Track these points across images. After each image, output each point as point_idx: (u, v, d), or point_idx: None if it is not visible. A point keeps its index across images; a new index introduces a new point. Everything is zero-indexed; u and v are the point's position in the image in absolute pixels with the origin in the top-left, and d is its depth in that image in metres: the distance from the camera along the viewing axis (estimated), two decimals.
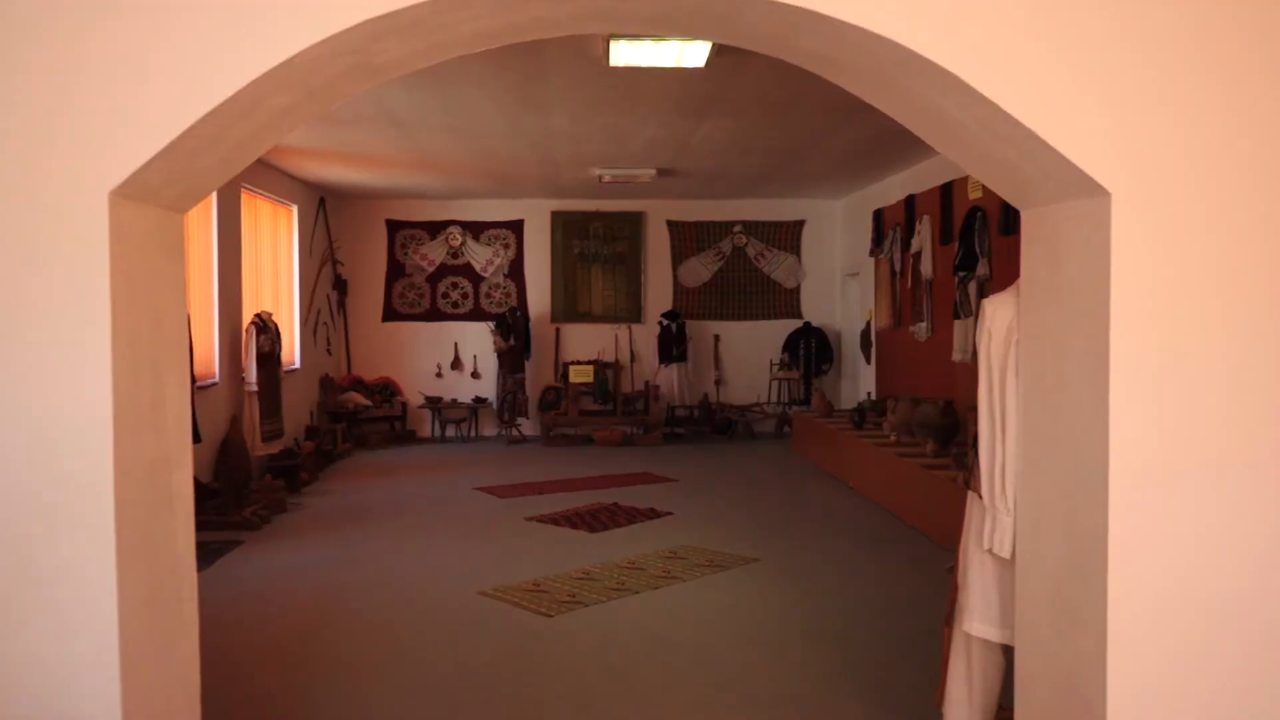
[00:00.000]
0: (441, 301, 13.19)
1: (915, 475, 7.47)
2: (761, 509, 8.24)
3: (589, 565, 6.36)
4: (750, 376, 13.41)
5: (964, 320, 8.58)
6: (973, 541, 3.16)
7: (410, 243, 13.16)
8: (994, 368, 3.00)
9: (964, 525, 3.31)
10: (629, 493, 8.96)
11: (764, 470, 10.36)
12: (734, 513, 8.07)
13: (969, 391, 9.59)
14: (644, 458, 11.16)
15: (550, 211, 13.22)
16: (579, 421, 12.40)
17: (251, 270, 9.82)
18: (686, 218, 13.35)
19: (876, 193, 11.74)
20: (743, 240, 13.39)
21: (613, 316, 13.31)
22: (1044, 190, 2.70)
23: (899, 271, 10.62)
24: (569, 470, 10.28)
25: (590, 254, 13.27)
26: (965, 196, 8.81)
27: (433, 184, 11.72)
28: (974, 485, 3.13)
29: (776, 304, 13.46)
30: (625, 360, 13.24)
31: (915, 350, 10.19)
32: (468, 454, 11.59)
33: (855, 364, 12.99)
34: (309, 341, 11.60)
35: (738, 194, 12.76)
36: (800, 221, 13.45)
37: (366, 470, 10.37)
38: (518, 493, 8.98)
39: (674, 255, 13.38)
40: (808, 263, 13.50)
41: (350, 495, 8.95)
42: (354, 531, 7.46)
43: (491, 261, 13.19)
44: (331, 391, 12.16)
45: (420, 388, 13.07)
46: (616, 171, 10.49)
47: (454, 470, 10.35)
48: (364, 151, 9.44)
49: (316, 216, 11.98)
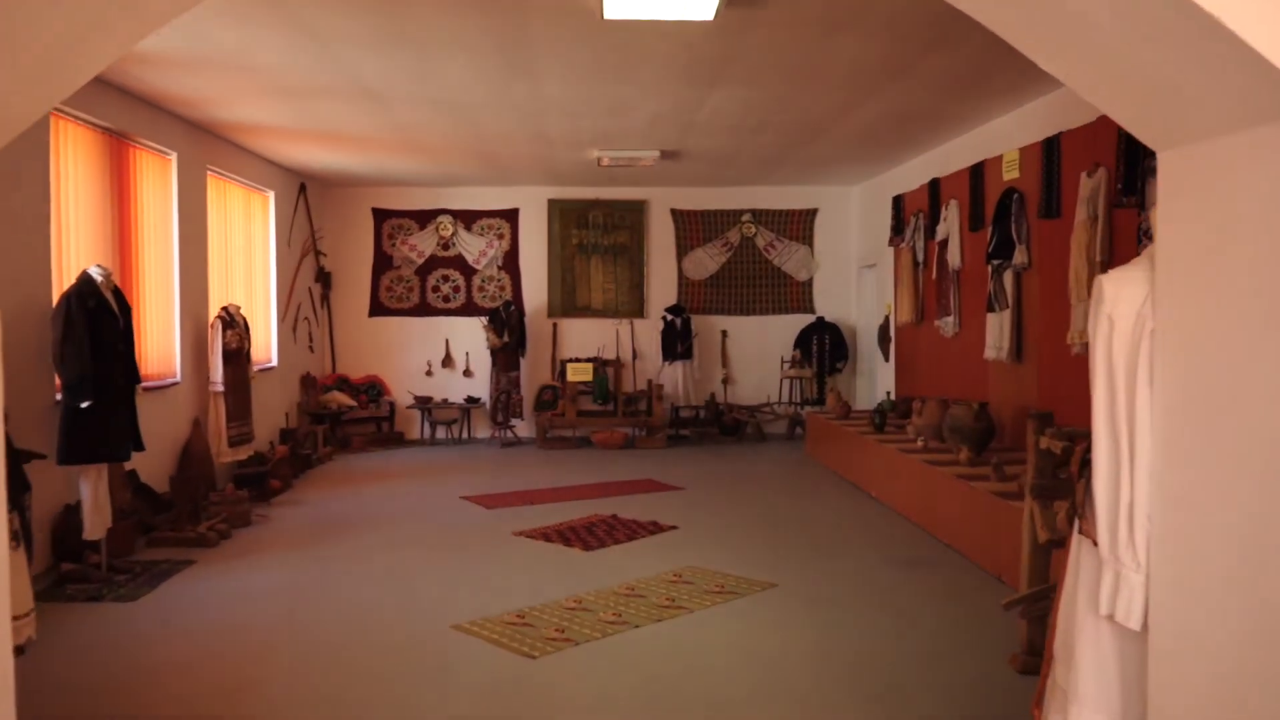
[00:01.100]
0: (431, 295, 12.41)
1: (949, 487, 6.66)
2: (776, 522, 7.45)
3: (582, 591, 5.57)
4: (760, 375, 12.62)
5: (998, 314, 7.77)
6: (1082, 602, 2.35)
7: (398, 233, 12.38)
8: (1119, 369, 2.19)
9: (1064, 576, 2.51)
10: (629, 503, 8.18)
11: (776, 476, 9.56)
12: (745, 527, 7.27)
13: (1005, 393, 8.68)
14: (646, 462, 10.37)
15: (547, 199, 12.43)
16: (577, 423, 11.61)
17: (220, 260, 9.03)
18: (692, 206, 12.55)
19: (896, 177, 10.93)
20: (752, 230, 12.59)
21: (613, 311, 12.52)
22: (1216, 115, 1.89)
23: (922, 262, 9.81)
24: (565, 476, 9.50)
25: (590, 245, 12.48)
26: (999, 177, 8.01)
27: (421, 169, 10.93)
28: (1085, 527, 2.33)
29: (788, 298, 12.65)
30: (626, 358, 12.45)
31: (941, 347, 9.38)
32: (458, 458, 10.81)
33: (872, 361, 12.19)
34: (287, 338, 10.82)
35: (747, 180, 11.96)
36: (813, 210, 12.65)
37: (347, 476, 9.59)
38: (507, 503, 8.19)
39: (679, 246, 12.58)
40: (821, 254, 12.70)
41: (324, 505, 8.17)
42: (320, 549, 6.68)
43: (485, 253, 12.40)
44: (313, 391, 11.39)
45: (409, 387, 12.29)
46: (617, 153, 9.69)
47: (441, 476, 9.57)
48: (339, 129, 8.65)
49: (296, 204, 11.20)
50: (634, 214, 12.50)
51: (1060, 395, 7.03)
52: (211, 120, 8.24)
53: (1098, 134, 6.49)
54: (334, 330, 12.30)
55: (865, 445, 8.70)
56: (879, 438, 8.65)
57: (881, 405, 9.81)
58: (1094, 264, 6.33)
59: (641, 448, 11.44)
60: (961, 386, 8.86)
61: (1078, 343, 6.54)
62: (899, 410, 9.98)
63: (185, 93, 7.30)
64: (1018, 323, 7.65)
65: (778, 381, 12.55)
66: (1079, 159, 6.71)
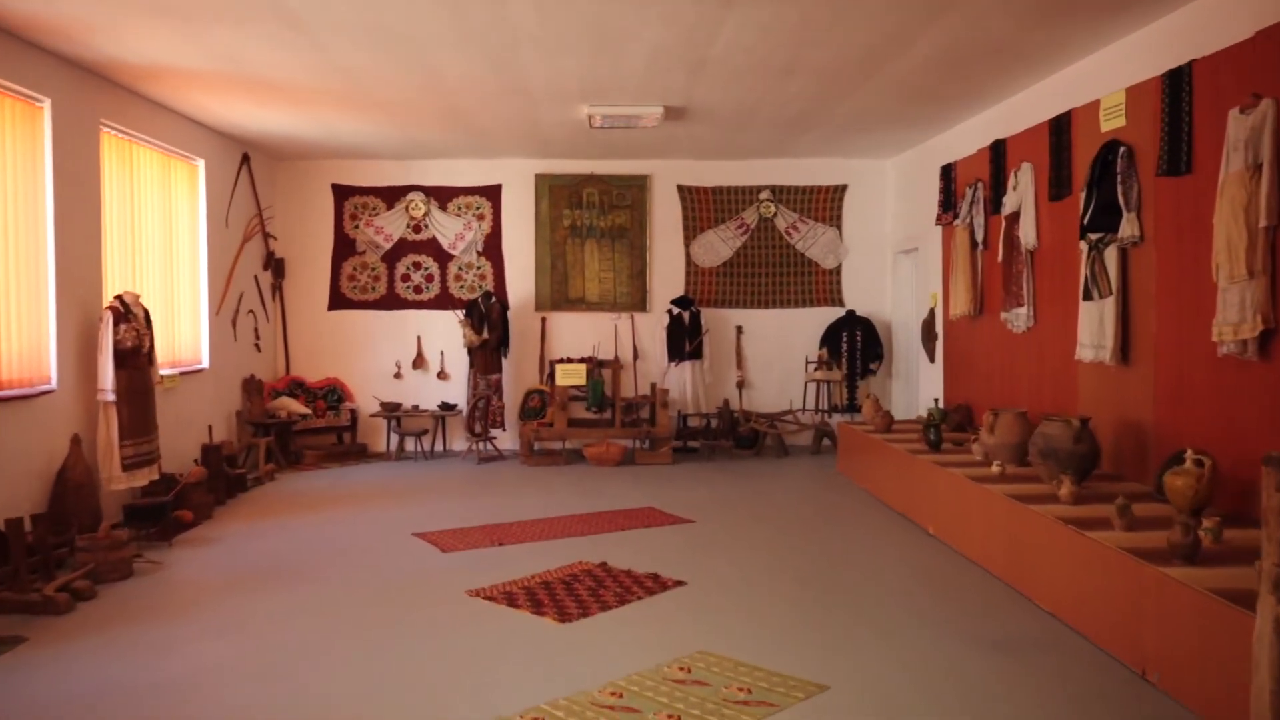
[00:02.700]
0: (401, 285, 10.73)
1: (1053, 535, 4.94)
2: (813, 575, 5.74)
3: (547, 698, 3.87)
4: (781, 378, 10.91)
5: (1097, 302, 6.05)
6: None
7: (362, 213, 10.70)
8: None
9: None
10: (625, 542, 6.48)
11: (806, 503, 7.85)
12: (775, 583, 5.57)
13: (1104, 405, 6.32)
14: (648, 483, 8.68)
15: (534, 174, 10.73)
16: (568, 434, 9.92)
17: (123, 240, 7.36)
18: (702, 181, 10.85)
19: (943, 144, 9.21)
20: (771, 210, 10.87)
21: (611, 304, 10.83)
22: None
23: (982, 242, 8.09)
24: (548, 502, 7.81)
25: (584, 227, 10.79)
26: (1093, 129, 6.29)
27: (385, 136, 9.25)
28: None
29: (813, 288, 10.94)
30: (626, 358, 10.76)
31: (1008, 345, 7.66)
32: (425, 476, 9.12)
33: (911, 362, 10.48)
34: (224, 335, 9.15)
35: (765, 151, 10.24)
36: (841, 186, 10.93)
37: (284, 502, 7.91)
38: (470, 542, 6.51)
39: (686, 228, 10.87)
40: (851, 237, 10.98)
41: (238, 546, 6.49)
42: (203, 618, 5.00)
43: (462, 236, 10.72)
44: (257, 398, 9.71)
45: (375, 391, 10.62)
46: (611, 109, 7.99)
47: (398, 502, 7.89)
48: (267, 75, 6.97)
49: (237, 177, 9.52)
50: (635, 191, 10.79)
51: (1191, 411, 5.31)
52: (100, 59, 6.56)
53: (1257, 54, 4.77)
54: (287, 326, 10.63)
55: (918, 468, 6.99)
56: (935, 458, 6.94)
57: (932, 415, 8.10)
58: (1255, 230, 4.62)
59: (643, 464, 9.75)
60: (1036, 394, 7.14)
61: (1229, 340, 4.82)
62: (951, 422, 8.28)
63: (51, 15, 5.63)
64: (1124, 314, 5.92)
65: (801, 385, 10.84)
66: (1225, 92, 4.99)
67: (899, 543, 6.45)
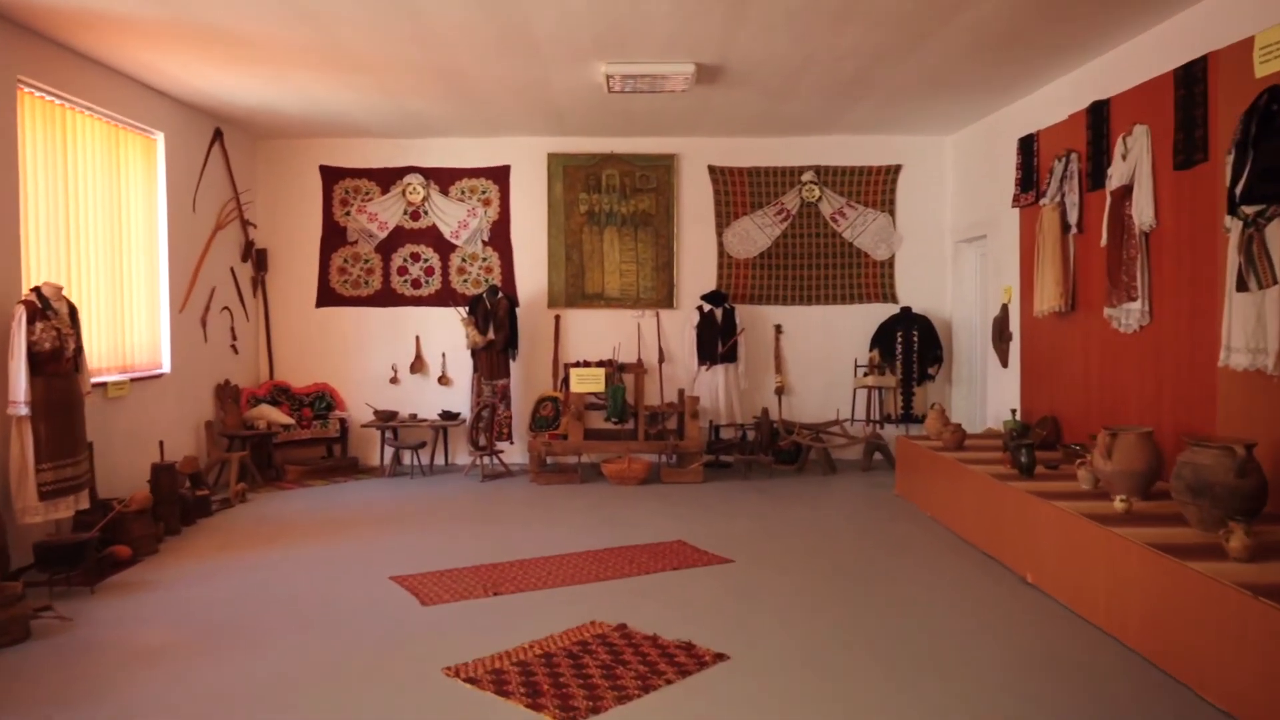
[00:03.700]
0: (397, 279, 9.55)
1: (1234, 611, 3.64)
2: (892, 642, 4.47)
3: None
4: (825, 383, 9.63)
5: (1256, 293, 4.73)
6: None
7: (354, 198, 9.52)
8: None
9: None
10: (648, 592, 5.25)
11: (865, 534, 6.58)
12: (845, 656, 4.31)
13: (1261, 425, 4.50)
14: (676, 506, 7.44)
15: (546, 153, 9.52)
16: (584, 447, 8.69)
17: (51, 222, 6.21)
18: (737, 161, 9.59)
19: (1018, 115, 7.92)
20: (815, 193, 9.60)
21: (634, 300, 9.59)
22: None
23: (1076, 224, 6.78)
24: (558, 533, 6.58)
25: (603, 213, 9.56)
26: (1243, 75, 4.97)
27: (375, 109, 8.06)
28: None
29: (862, 282, 9.66)
30: (651, 361, 9.52)
31: (1112, 348, 6.35)
32: (418, 497, 7.93)
33: (977, 366, 9.18)
34: (190, 335, 8.00)
35: (809, 126, 8.96)
36: (894, 167, 9.63)
37: (248, 531, 6.74)
38: (458, 590, 5.28)
39: (719, 214, 9.62)
40: (906, 224, 9.68)
41: (176, 594, 5.31)
42: (100, 702, 3.81)
43: (465, 223, 9.52)
44: (233, 406, 8.56)
45: (368, 398, 9.44)
46: (633, 68, 6.75)
47: (381, 532, 6.69)
48: (223, 27, 5.79)
49: (208, 155, 8.36)
50: (660, 172, 9.55)
51: None
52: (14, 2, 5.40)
53: None
54: (270, 325, 9.47)
55: (1009, 499, 5.69)
56: (1029, 486, 5.64)
57: (1013, 434, 6.80)
58: None
59: (669, 482, 8.50)
60: (1153, 409, 5.83)
61: None
62: (1034, 438, 7.00)
63: None
64: None
65: (849, 392, 9.56)
66: None
67: (990, 595, 5.17)
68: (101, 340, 6.71)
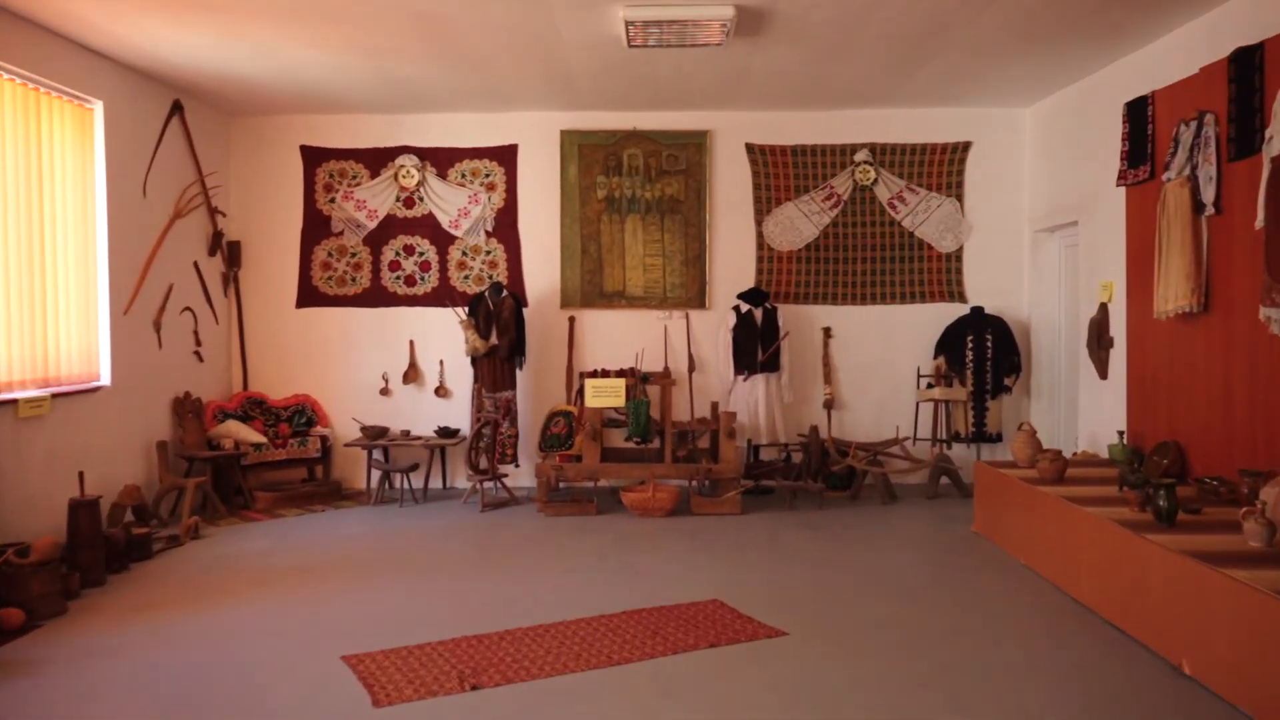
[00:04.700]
0: (388, 276, 8.34)
1: None
2: None
3: None
4: (882, 396, 8.31)
5: None
6: None
7: (339, 183, 8.32)
8: None
9: None
10: (675, 686, 3.97)
11: (944, 590, 5.26)
12: None
13: None
14: (710, 548, 6.15)
15: (559, 130, 8.26)
16: (602, 471, 7.42)
17: None
18: (779, 139, 8.28)
19: (1117, 76, 6.59)
20: (870, 175, 8.27)
21: (659, 299, 8.32)
22: None
23: (1212, 203, 5.42)
24: (562, 586, 5.31)
25: (624, 199, 8.30)
26: None
27: (360, 78, 6.87)
28: None
29: (925, 278, 8.32)
30: (679, 370, 8.24)
31: (1266, 358, 4.99)
32: (403, 533, 6.70)
33: (1060, 376, 7.83)
34: (139, 340, 6.83)
35: (864, 96, 7.65)
36: (963, 144, 8.28)
37: (187, 582, 5.53)
38: (424, 682, 4.02)
39: (759, 200, 8.32)
40: (976, 211, 8.33)
41: (60, 682, 4.09)
42: None
43: (466, 211, 8.29)
44: (195, 422, 7.38)
45: (355, 412, 8.24)
46: (657, 11, 5.47)
47: (344, 585, 5.46)
48: None
49: (163, 131, 7.18)
50: (691, 152, 8.27)
51: None
52: None
53: None
54: (244, 328, 8.29)
55: (1152, 560, 4.33)
56: (1175, 540, 4.30)
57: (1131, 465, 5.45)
58: None
59: (701, 514, 7.21)
60: None
61: None
62: (1152, 468, 5.66)
63: None
64: None
65: (910, 407, 8.23)
66: None
67: (1131, 691, 3.83)
68: (12, 348, 5.54)
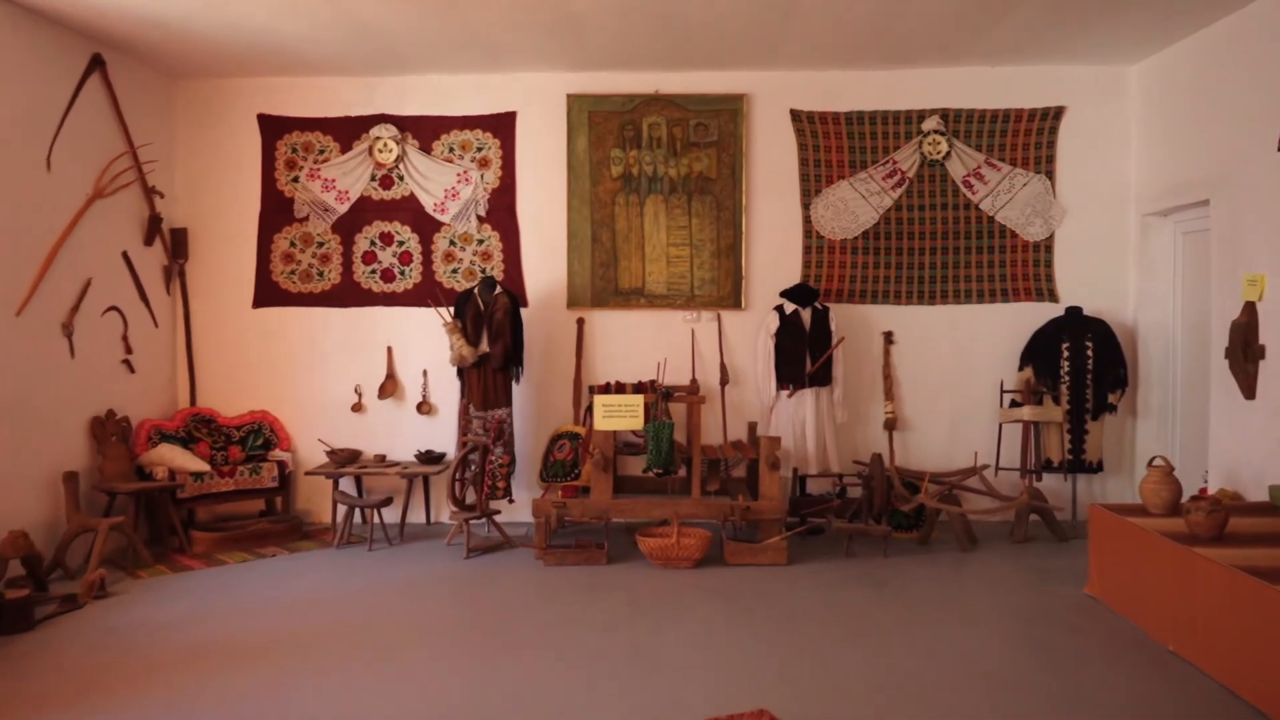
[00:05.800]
0: (362, 269, 7.00)
1: None
2: None
3: None
4: (956, 415, 6.86)
5: None
6: None
7: (305, 158, 6.99)
8: None
9: None
10: None
11: (1058, 681, 3.82)
12: None
13: None
14: (748, 616, 4.75)
15: (565, 94, 6.88)
16: (614, 508, 6.03)
17: None
18: (830, 104, 6.86)
19: (1254, 21, 5.11)
20: (941, 148, 6.83)
21: (686, 298, 6.92)
22: None
23: None
24: (549, 683, 3.92)
25: (644, 177, 6.91)
26: None
27: (327, 32, 5.60)
28: None
29: (1008, 272, 6.87)
30: (710, 383, 6.84)
31: None
32: (362, 592, 5.33)
33: (1177, 393, 6.36)
34: (39, 348, 5.51)
35: (933, 52, 6.22)
36: (1055, 110, 6.83)
37: (61, 670, 4.20)
38: None
39: (806, 178, 6.90)
40: (1069, 190, 6.87)
41: None
42: None
43: (455, 192, 6.94)
44: (120, 448, 6.06)
45: (322, 432, 6.91)
46: None
47: (266, 679, 4.10)
48: None
49: (77, 91, 5.87)
50: (724, 119, 6.86)
51: None
52: None
53: None
54: (191, 332, 6.98)
55: None
56: None
57: None
58: None
59: (736, 565, 5.79)
60: None
61: None
62: None
63: None
64: None
65: (991, 428, 6.78)
66: None
67: None
68: None
